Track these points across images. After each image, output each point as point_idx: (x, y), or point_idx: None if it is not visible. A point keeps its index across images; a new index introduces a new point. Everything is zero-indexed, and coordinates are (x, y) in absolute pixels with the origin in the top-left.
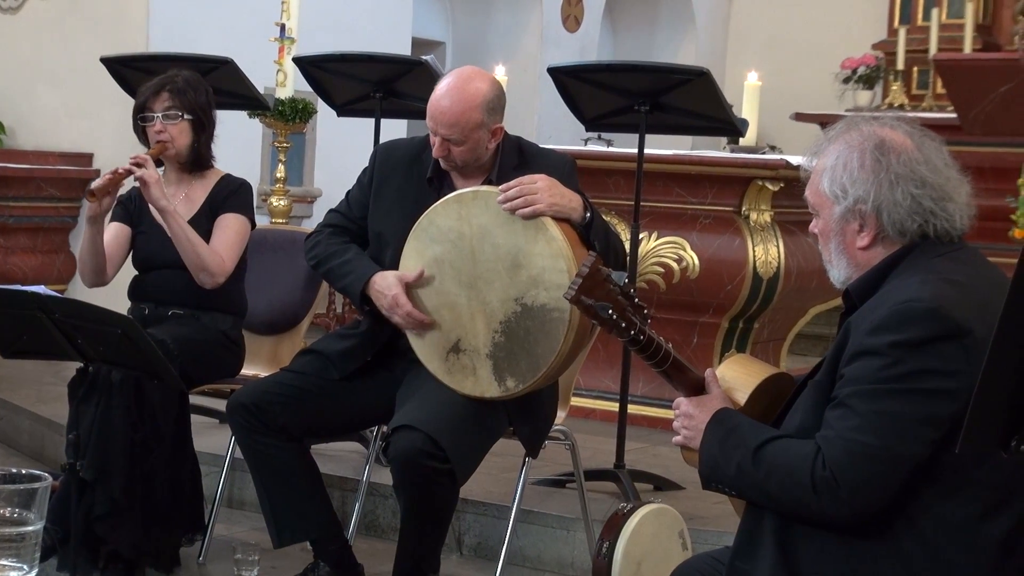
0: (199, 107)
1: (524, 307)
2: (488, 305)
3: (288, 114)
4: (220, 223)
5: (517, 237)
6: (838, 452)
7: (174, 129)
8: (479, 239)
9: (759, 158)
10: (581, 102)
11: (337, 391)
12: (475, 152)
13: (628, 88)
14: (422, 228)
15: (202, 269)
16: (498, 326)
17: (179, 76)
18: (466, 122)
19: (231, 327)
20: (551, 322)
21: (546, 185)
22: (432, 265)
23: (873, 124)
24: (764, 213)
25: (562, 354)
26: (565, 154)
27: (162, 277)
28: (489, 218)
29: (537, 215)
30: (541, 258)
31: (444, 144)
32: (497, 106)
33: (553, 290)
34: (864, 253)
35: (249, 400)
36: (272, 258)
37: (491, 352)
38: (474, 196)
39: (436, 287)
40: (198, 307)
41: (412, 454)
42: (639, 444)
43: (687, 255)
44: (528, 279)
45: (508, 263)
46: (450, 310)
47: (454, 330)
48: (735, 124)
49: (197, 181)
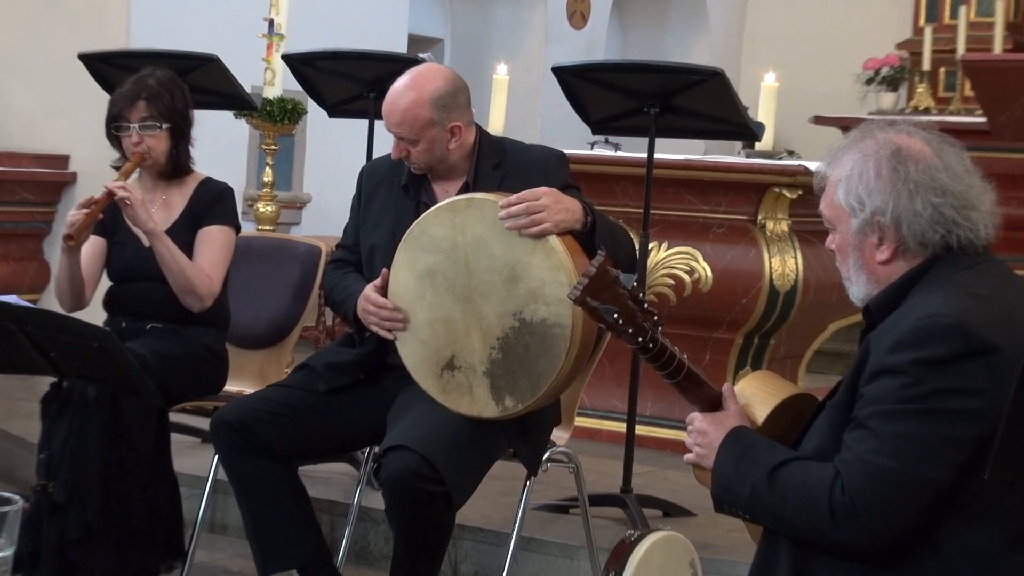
0: (177, 113)
1: (523, 322)
2: (484, 320)
3: (276, 115)
4: (204, 237)
5: (515, 248)
6: (857, 476)
7: (152, 140)
8: (474, 250)
9: (776, 164)
10: (587, 104)
11: (327, 409)
12: (433, 152)
13: (637, 89)
14: (413, 237)
15: (189, 292)
16: (495, 342)
17: (152, 79)
18: (413, 119)
19: (214, 341)
20: (551, 338)
21: (552, 201)
22: (424, 277)
23: (888, 131)
24: (781, 222)
25: (563, 372)
26: (551, 148)
27: (139, 289)
28: (485, 228)
29: (542, 235)
30: (540, 271)
31: (400, 144)
32: (451, 103)
33: (553, 305)
34: (884, 268)
35: (234, 417)
36: (258, 267)
37: (488, 370)
38: (468, 204)
39: (429, 300)
40: (178, 320)
41: (406, 476)
42: (647, 467)
43: (699, 266)
44: (527, 293)
45: (505, 275)
46: (444, 324)
47: (448, 346)
48: (751, 128)
49: (175, 187)
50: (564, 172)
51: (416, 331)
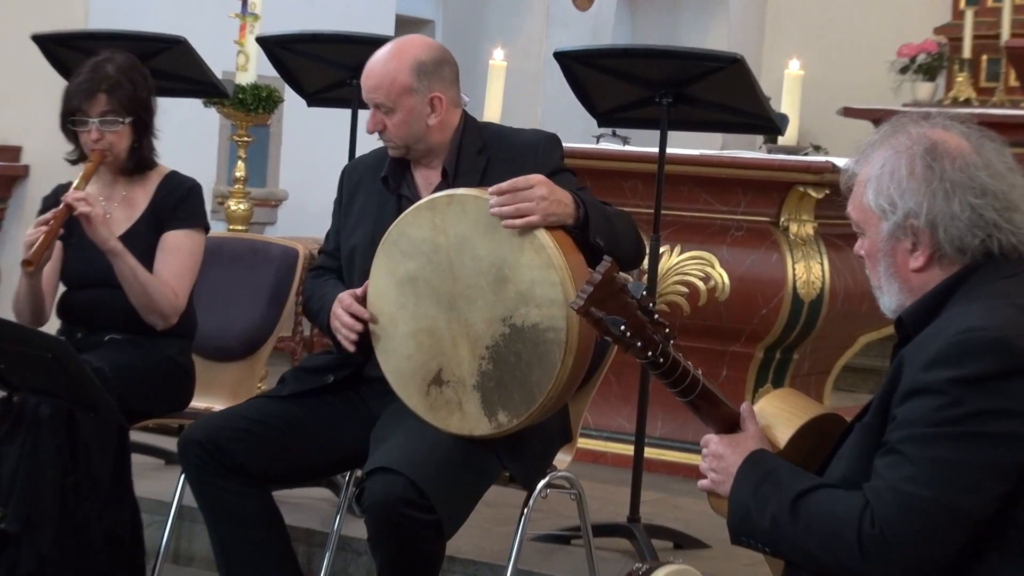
0: (140, 104)
1: (513, 328)
2: (472, 327)
3: (250, 103)
4: (168, 244)
5: (501, 247)
6: (889, 506)
7: (113, 136)
8: (457, 251)
9: (801, 160)
10: (593, 93)
11: (305, 428)
12: (411, 126)
13: (648, 77)
14: (391, 241)
15: (152, 311)
16: (484, 352)
17: (112, 67)
18: (391, 83)
19: (179, 352)
20: (545, 344)
21: (544, 192)
22: (405, 284)
23: (923, 125)
24: (806, 224)
25: (560, 382)
26: (542, 131)
27: (97, 296)
28: (467, 226)
29: (530, 228)
30: (529, 270)
31: (376, 115)
32: (434, 72)
33: (545, 307)
34: (918, 276)
35: (203, 436)
36: (229, 271)
37: (478, 383)
38: (449, 201)
39: (411, 309)
40: (140, 330)
41: (390, 502)
42: (657, 494)
43: (715, 273)
44: (516, 295)
45: (492, 277)
46: (429, 335)
47: (434, 358)
48: (773, 120)
49: (137, 182)
50: (556, 155)
51: (398, 345)
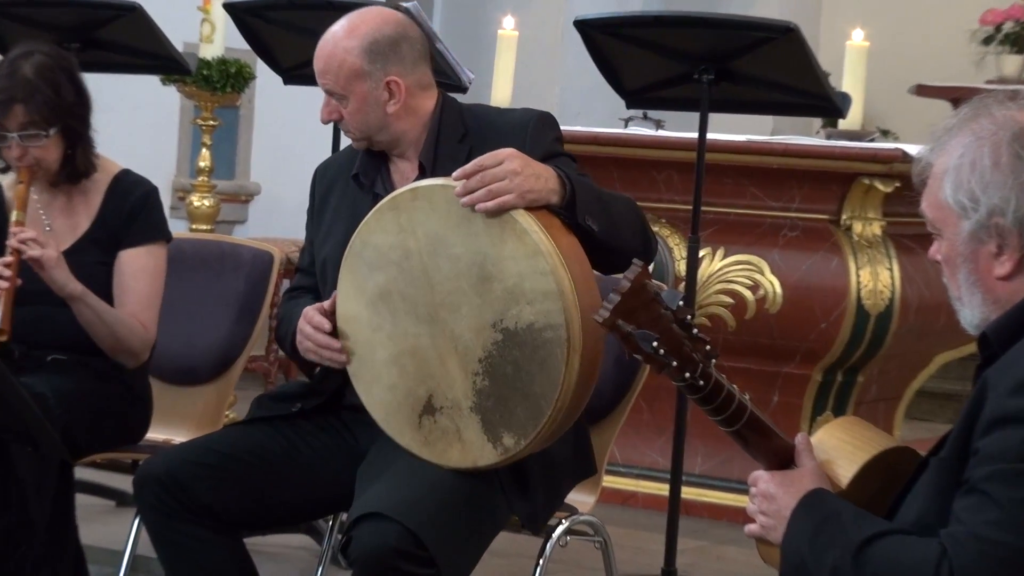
0: (66, 110)
1: (506, 333)
2: (459, 340)
3: (216, 81)
4: (128, 268)
5: (478, 240)
6: (970, 555)
7: (39, 151)
8: (431, 253)
9: (866, 147)
10: (621, 69)
11: (283, 464)
12: (367, 116)
13: (685, 49)
14: (355, 254)
15: (121, 351)
16: (477, 366)
17: (27, 69)
18: (339, 66)
19: (133, 375)
20: (545, 346)
21: (517, 167)
22: (377, 302)
23: (1009, 106)
24: (872, 223)
25: (568, 387)
26: (534, 109)
27: (38, 311)
28: (438, 222)
29: (505, 210)
30: (514, 262)
31: (330, 102)
32: (389, 52)
33: (539, 302)
34: (1005, 285)
35: (164, 472)
36: (191, 279)
37: (475, 403)
38: (413, 197)
39: (388, 330)
40: (88, 349)
41: (382, 553)
42: (697, 541)
43: (765, 280)
44: (504, 294)
45: (474, 278)
46: (412, 357)
47: (422, 383)
48: (832, 100)
49: (81, 188)
50: (548, 136)
51: (379, 374)
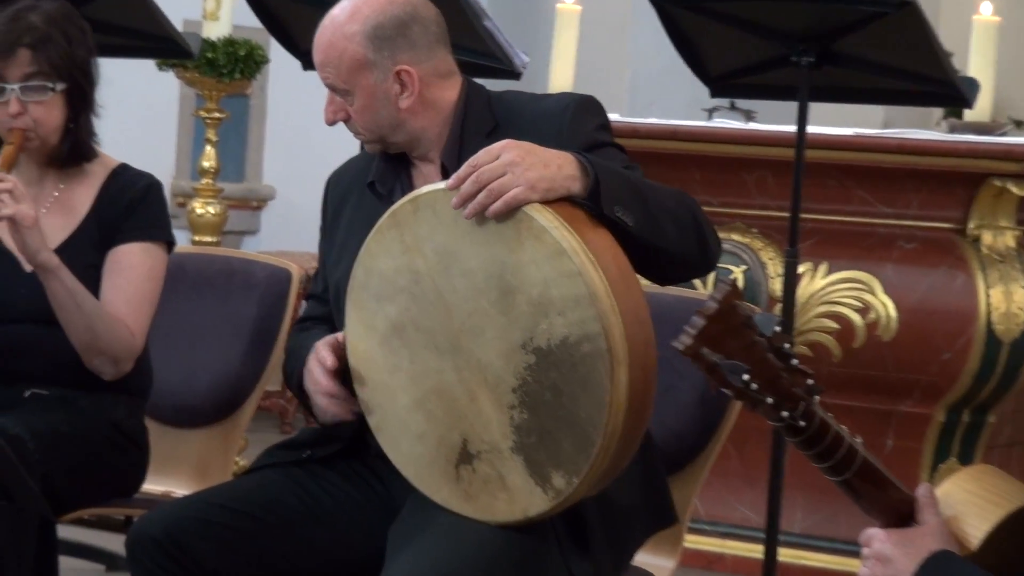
0: (77, 65)
1: (539, 353)
2: (488, 369)
3: (223, 65)
4: (119, 263)
5: (493, 247)
6: None
7: (40, 109)
8: (443, 272)
9: (997, 143)
10: (704, 50)
11: (300, 521)
12: (377, 113)
13: (781, 27)
14: (359, 286)
15: (98, 352)
16: (512, 397)
17: (37, 16)
18: (339, 57)
19: (127, 415)
20: (584, 362)
21: (516, 156)
22: (391, 338)
23: None
24: (1005, 233)
25: (617, 407)
26: (573, 93)
27: (15, 335)
28: (445, 233)
29: (516, 206)
30: (536, 267)
31: (334, 100)
32: (397, 36)
33: (570, 310)
34: None
35: (161, 531)
36: (194, 301)
37: (517, 442)
38: (414, 208)
39: (407, 369)
40: (74, 383)
41: None
42: None
43: (877, 302)
44: (529, 307)
45: (494, 293)
46: (438, 398)
47: (454, 427)
48: (956, 87)
49: (74, 179)
50: (589, 123)
51: (405, 423)
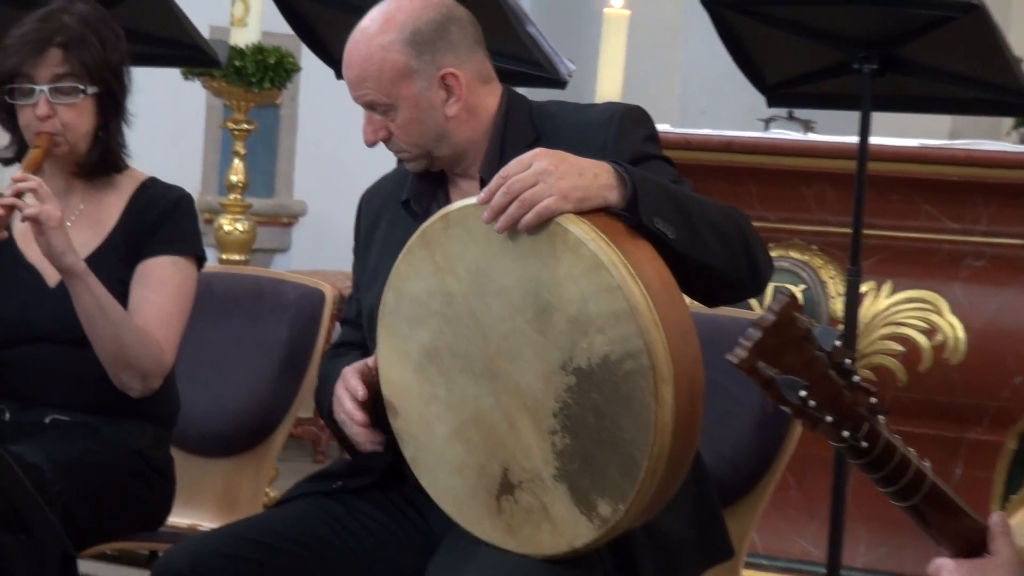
0: (110, 69)
1: (580, 374)
2: (527, 394)
3: (251, 74)
4: (149, 275)
5: (527, 263)
6: None
7: (70, 112)
8: (476, 292)
9: None
10: (760, 57)
11: (334, 554)
12: (424, 125)
13: (843, 32)
14: (389, 311)
15: (127, 366)
16: (553, 422)
17: (71, 16)
18: (379, 68)
19: (152, 444)
20: (627, 381)
21: (548, 165)
22: (426, 364)
23: None
24: None
25: (663, 428)
26: (618, 103)
27: (35, 357)
28: (477, 251)
29: (549, 217)
30: (574, 282)
31: (372, 119)
32: (437, 38)
33: (611, 327)
34: None
35: (188, 567)
36: (222, 324)
37: (560, 469)
38: (444, 226)
39: (444, 397)
40: (97, 409)
41: None
42: None
43: (945, 323)
44: (568, 325)
45: (531, 312)
46: (476, 426)
47: (494, 457)
48: None
49: (102, 191)
50: (637, 134)
51: (443, 454)
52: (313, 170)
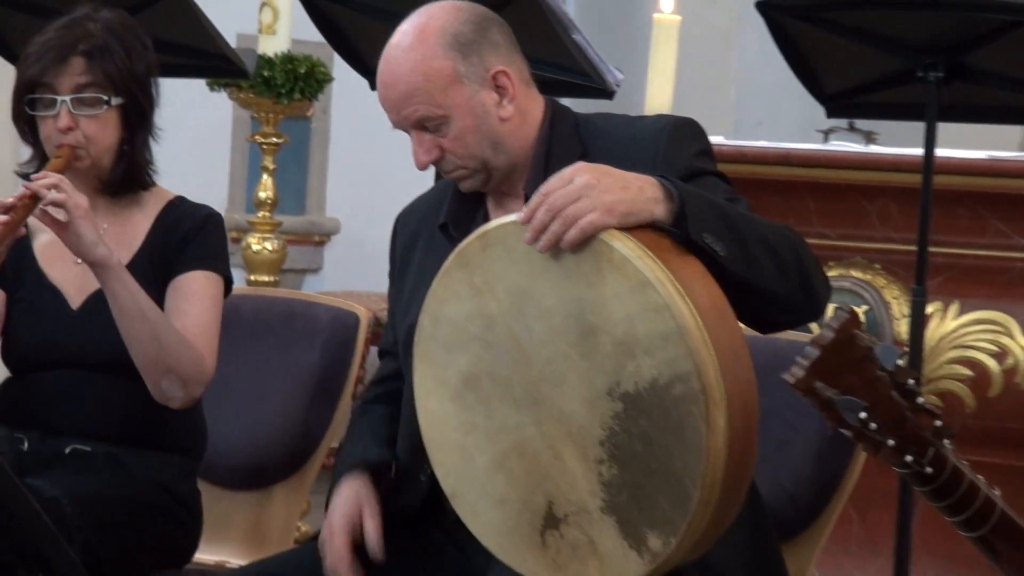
0: (135, 79)
1: (627, 399)
2: (572, 421)
3: (281, 84)
4: (183, 288)
5: (571, 282)
6: None
7: (93, 125)
8: (517, 314)
9: None
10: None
11: None
12: (479, 130)
13: (907, 38)
14: (426, 336)
15: (167, 370)
16: (600, 451)
17: (95, 23)
18: (425, 81)
19: (178, 476)
20: (677, 406)
21: (591, 179)
22: (464, 392)
23: None
24: None
25: (716, 455)
26: (669, 116)
27: (55, 383)
28: (518, 271)
29: (593, 233)
30: (619, 301)
31: (422, 139)
32: (480, 39)
33: (659, 349)
34: None
35: None
36: (250, 350)
37: (607, 501)
38: (482, 244)
39: (484, 427)
40: (121, 439)
41: None
42: None
43: (1016, 346)
44: (614, 348)
45: (573, 334)
46: (519, 456)
47: (537, 489)
48: None
49: (127, 210)
50: (689, 148)
51: (484, 488)
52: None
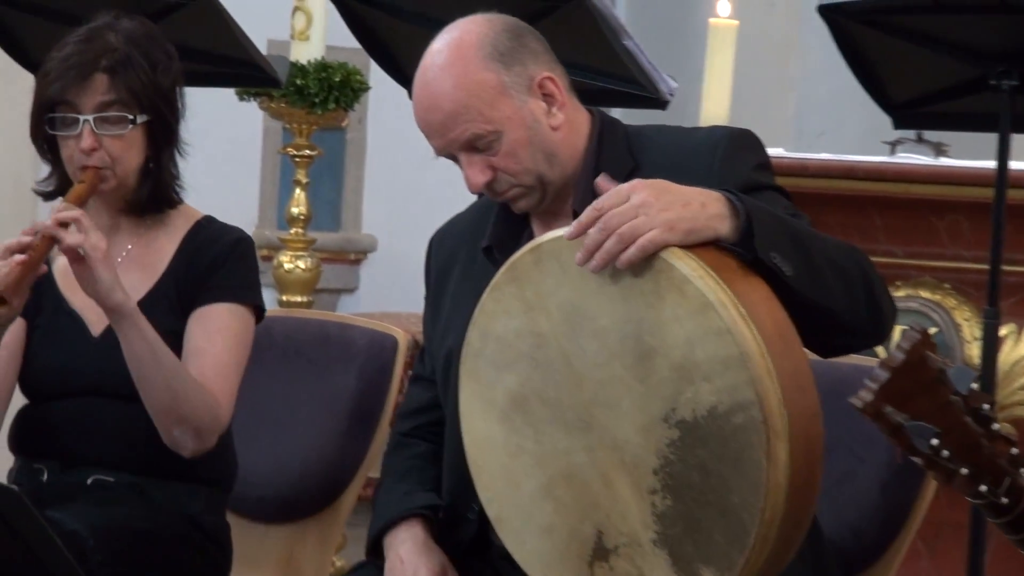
0: (160, 94)
1: (684, 427)
2: (625, 448)
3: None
4: (202, 324)
5: (628, 302)
6: None
7: (118, 144)
8: (569, 333)
9: None
10: (885, 73)
11: None
12: (532, 143)
13: (978, 44)
14: (473, 353)
15: (179, 420)
16: (654, 481)
17: (116, 35)
18: (470, 97)
19: (206, 508)
20: (736, 436)
21: (649, 196)
22: (512, 413)
23: None
24: None
25: (776, 490)
26: (724, 127)
27: (76, 412)
28: (572, 288)
29: (653, 251)
30: (679, 324)
31: (473, 162)
32: (519, 47)
33: (719, 375)
34: None
35: None
36: (282, 375)
37: (660, 534)
38: (535, 260)
39: (532, 450)
40: (145, 469)
41: None
42: None
43: None
44: (672, 372)
45: (629, 356)
46: (568, 483)
47: (587, 517)
48: None
49: (153, 230)
50: (746, 162)
51: (530, 515)
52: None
